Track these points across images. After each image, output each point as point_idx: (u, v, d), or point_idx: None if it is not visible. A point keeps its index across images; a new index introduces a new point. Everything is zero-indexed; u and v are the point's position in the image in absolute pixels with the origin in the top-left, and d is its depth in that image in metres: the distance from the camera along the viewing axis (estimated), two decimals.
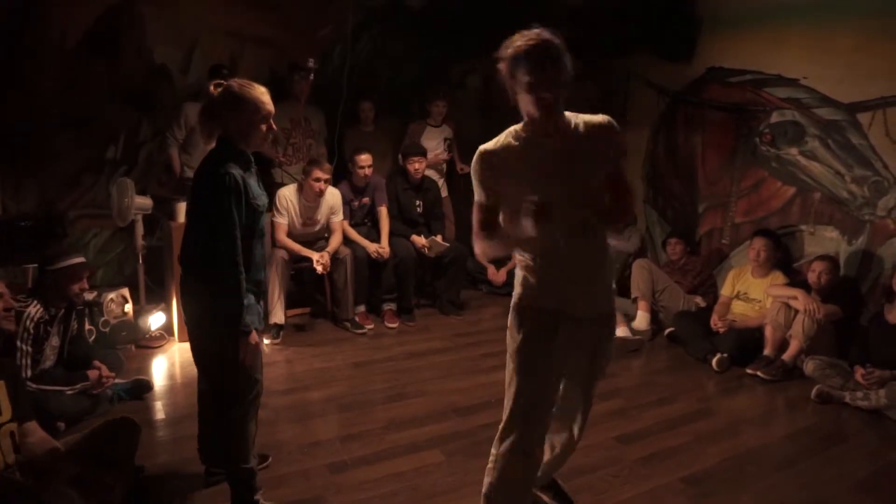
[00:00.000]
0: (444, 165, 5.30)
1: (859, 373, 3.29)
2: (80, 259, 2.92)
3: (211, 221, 2.03)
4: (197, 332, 2.20)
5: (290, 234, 4.17)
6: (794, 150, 4.10)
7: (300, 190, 4.16)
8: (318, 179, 4.02)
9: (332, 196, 4.30)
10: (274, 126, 2.17)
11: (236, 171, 2.04)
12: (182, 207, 3.88)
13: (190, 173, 4.20)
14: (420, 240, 4.61)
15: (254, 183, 2.15)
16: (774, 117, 4.17)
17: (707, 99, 4.57)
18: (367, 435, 2.83)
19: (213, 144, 2.14)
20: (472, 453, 2.68)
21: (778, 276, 3.94)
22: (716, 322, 4.00)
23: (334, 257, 4.16)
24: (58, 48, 4.19)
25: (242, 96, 2.07)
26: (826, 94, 3.89)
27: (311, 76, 4.35)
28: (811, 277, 3.69)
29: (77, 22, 4.23)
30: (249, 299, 2.12)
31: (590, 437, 2.80)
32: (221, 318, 2.08)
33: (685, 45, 4.64)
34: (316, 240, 4.35)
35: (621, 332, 4.12)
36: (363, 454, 2.66)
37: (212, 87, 2.10)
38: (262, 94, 2.11)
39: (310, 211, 4.21)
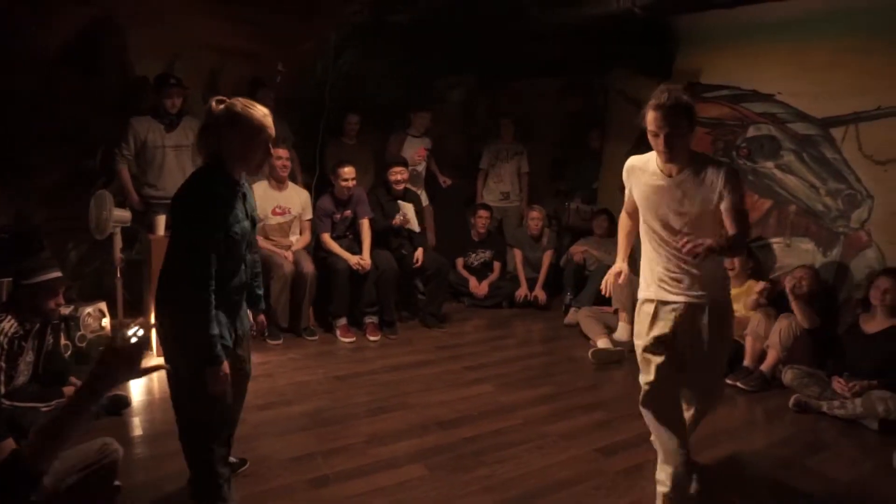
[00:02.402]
0: (423, 173, 5.27)
1: (837, 382, 3.35)
2: (57, 273, 2.86)
3: (188, 244, 1.97)
4: (170, 358, 2.11)
5: (264, 229, 4.31)
6: (770, 164, 4.18)
7: (268, 181, 4.35)
8: (279, 158, 4.25)
9: (303, 193, 4.51)
10: (272, 150, 2.10)
11: (222, 195, 1.99)
12: (161, 221, 3.84)
13: (149, 190, 4.19)
14: (398, 218, 4.66)
15: (239, 208, 2.08)
16: (751, 132, 4.26)
17: None
18: (350, 449, 2.81)
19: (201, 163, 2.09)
20: (456, 467, 2.67)
21: (752, 285, 4.00)
22: None
23: (298, 271, 4.20)
24: (36, 60, 4.15)
25: (245, 116, 2.00)
26: (801, 109, 3.99)
27: (279, 79, 4.37)
28: (789, 283, 3.75)
29: (56, 33, 4.19)
30: (220, 319, 2.05)
31: (571, 450, 2.81)
32: (192, 347, 2.01)
33: (663, 62, 4.73)
34: (287, 229, 4.42)
35: (602, 343, 4.15)
36: (346, 468, 2.64)
37: (213, 103, 2.02)
38: (264, 115, 2.03)
39: (280, 199, 4.36)
